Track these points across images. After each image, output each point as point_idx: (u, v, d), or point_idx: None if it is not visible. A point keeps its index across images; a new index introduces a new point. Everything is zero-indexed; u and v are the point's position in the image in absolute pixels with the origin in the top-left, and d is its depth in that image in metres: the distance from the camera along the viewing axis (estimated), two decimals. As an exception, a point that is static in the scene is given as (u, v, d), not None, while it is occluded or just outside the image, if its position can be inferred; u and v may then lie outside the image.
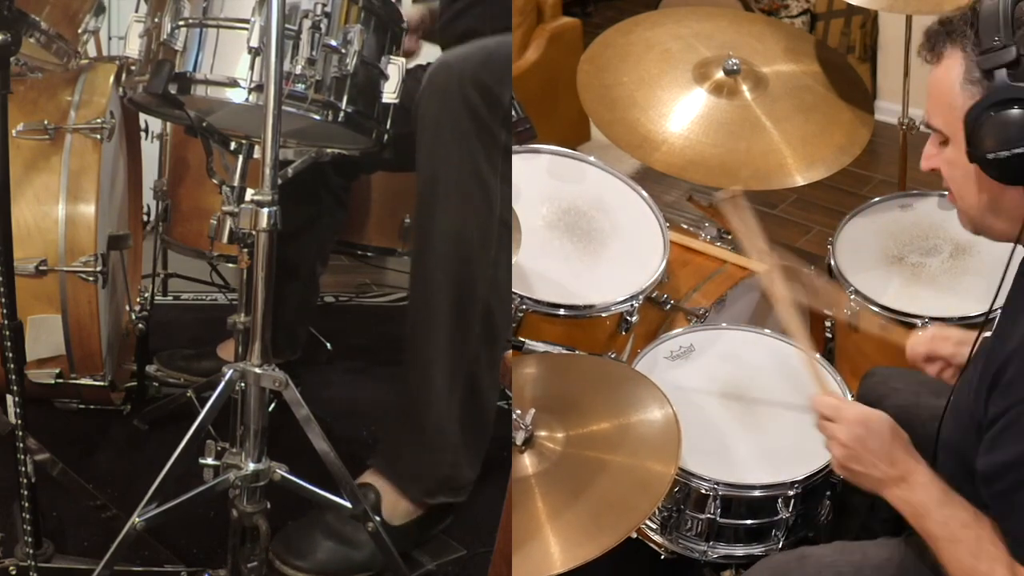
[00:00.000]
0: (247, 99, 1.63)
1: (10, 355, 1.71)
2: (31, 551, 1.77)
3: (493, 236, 1.93)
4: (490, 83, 1.87)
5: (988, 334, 1.50)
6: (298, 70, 1.64)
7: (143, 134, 2.55)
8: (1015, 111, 1.30)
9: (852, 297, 2.24)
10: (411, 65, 2.32)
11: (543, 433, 1.65)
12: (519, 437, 1.62)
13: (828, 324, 2.51)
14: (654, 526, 1.87)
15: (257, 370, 1.67)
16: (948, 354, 1.75)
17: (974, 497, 1.46)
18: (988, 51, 1.32)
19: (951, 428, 1.53)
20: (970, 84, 1.35)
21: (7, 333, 1.70)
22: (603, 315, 2.05)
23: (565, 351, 1.98)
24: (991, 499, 1.38)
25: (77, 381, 2.13)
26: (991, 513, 1.39)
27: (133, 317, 2.43)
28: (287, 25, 1.61)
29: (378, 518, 1.81)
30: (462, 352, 1.96)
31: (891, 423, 1.52)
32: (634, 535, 1.86)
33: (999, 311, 1.48)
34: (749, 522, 1.81)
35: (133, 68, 1.77)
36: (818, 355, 2.01)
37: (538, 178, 2.24)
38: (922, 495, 1.45)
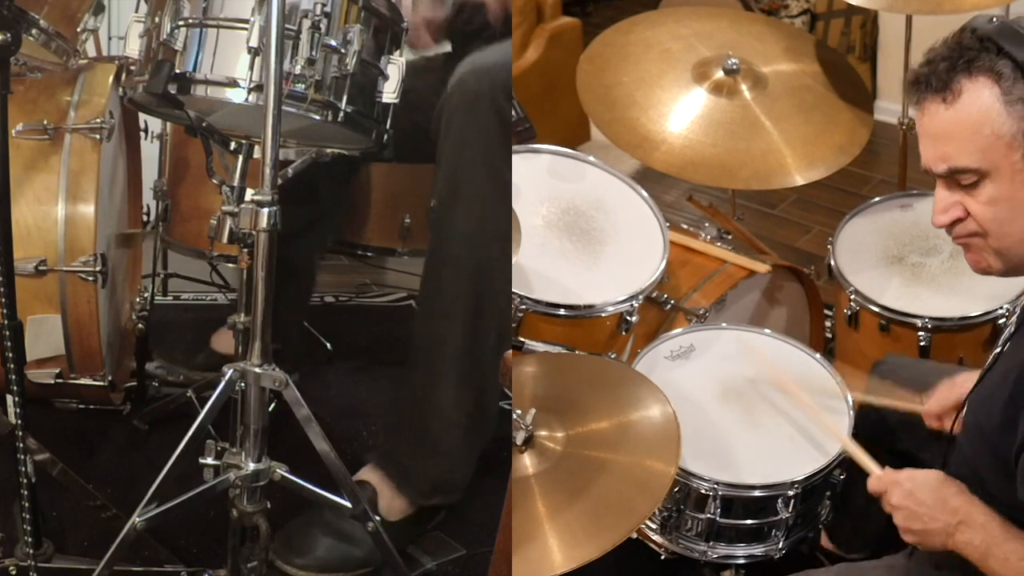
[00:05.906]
0: (247, 99, 1.63)
1: (10, 355, 1.71)
2: (31, 551, 1.77)
3: (508, 241, 1.93)
4: (511, 91, 1.90)
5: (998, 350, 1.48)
6: (298, 70, 1.64)
7: (143, 134, 2.55)
8: None
9: (852, 297, 2.24)
10: (431, 54, 2.32)
11: (543, 433, 1.65)
12: (519, 437, 1.61)
13: (828, 324, 2.52)
14: (654, 526, 1.87)
15: (257, 370, 1.67)
16: (960, 397, 1.68)
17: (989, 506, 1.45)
18: None
19: (964, 441, 1.52)
20: (1019, 104, 1.30)
21: (7, 333, 1.71)
22: (603, 315, 2.05)
23: (565, 351, 1.98)
24: None
25: (77, 381, 2.13)
26: None
27: (133, 317, 2.43)
28: (287, 25, 1.61)
29: (378, 518, 1.81)
30: (474, 359, 1.97)
31: (939, 474, 1.49)
32: (634, 535, 1.86)
33: (1014, 321, 1.46)
34: (749, 522, 1.81)
35: (133, 68, 1.77)
36: (819, 355, 2.02)
37: (538, 178, 2.24)
38: (982, 535, 1.42)
